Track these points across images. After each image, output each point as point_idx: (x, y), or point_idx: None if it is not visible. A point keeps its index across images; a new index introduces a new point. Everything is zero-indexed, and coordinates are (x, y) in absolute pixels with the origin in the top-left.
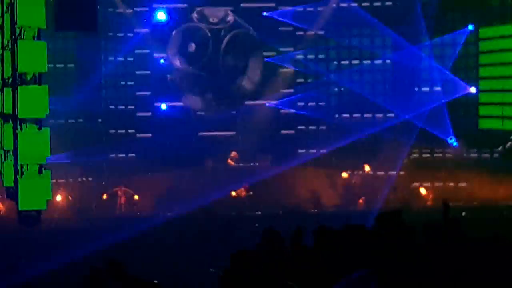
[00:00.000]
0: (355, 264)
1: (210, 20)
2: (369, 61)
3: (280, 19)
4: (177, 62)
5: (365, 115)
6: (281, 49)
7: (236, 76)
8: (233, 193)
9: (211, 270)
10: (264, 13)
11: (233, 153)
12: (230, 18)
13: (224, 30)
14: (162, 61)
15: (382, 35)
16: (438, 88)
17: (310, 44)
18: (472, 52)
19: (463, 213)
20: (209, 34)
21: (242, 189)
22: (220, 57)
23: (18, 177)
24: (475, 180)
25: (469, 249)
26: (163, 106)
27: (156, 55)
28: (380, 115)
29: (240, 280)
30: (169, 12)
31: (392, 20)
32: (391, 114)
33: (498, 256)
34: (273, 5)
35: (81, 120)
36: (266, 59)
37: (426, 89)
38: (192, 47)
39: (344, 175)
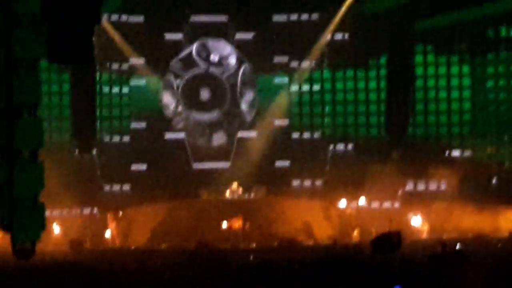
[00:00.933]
0: None
1: (211, 58)
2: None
3: None
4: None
5: None
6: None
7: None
8: (225, 225)
9: None
10: None
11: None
12: (232, 59)
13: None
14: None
15: None
16: None
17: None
18: None
19: (458, 245)
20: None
21: (236, 221)
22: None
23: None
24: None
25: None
26: None
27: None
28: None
29: None
30: None
31: None
32: None
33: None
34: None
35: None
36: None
37: None
38: (205, 94)
39: (339, 207)
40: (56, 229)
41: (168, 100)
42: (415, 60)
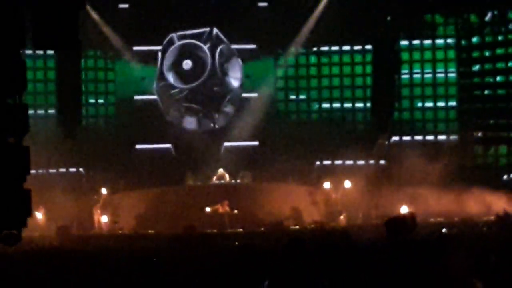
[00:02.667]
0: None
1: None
2: None
3: None
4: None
5: None
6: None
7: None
8: (209, 209)
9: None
10: None
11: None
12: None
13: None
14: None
15: None
16: None
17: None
18: None
19: (444, 230)
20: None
21: (223, 205)
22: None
23: None
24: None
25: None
26: None
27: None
28: None
29: None
30: None
31: None
32: None
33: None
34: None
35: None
36: None
37: None
38: (188, 64)
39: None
40: (42, 215)
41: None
42: (400, 45)
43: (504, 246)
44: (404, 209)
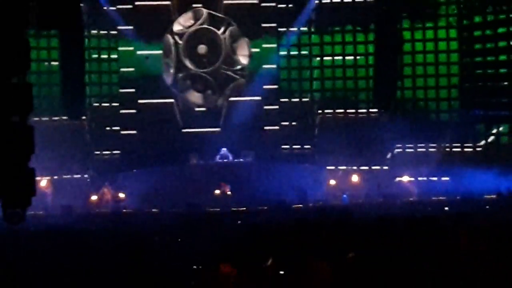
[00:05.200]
0: None
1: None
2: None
3: None
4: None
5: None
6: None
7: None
8: (215, 189)
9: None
10: None
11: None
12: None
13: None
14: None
15: None
16: None
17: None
18: None
19: (446, 208)
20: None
21: (225, 185)
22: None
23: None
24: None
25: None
26: None
27: (139, 52)
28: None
29: None
30: None
31: None
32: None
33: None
34: (256, 1)
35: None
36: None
37: None
38: (203, 48)
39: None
40: (47, 194)
41: (168, 63)
42: (402, 25)
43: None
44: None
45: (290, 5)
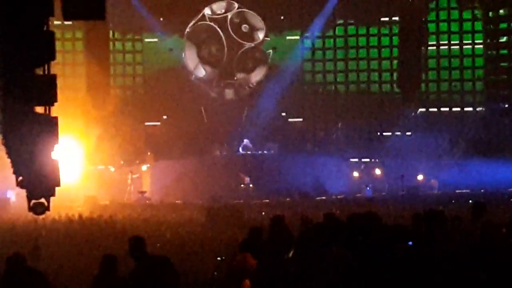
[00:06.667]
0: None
1: (218, 12)
2: None
3: None
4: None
5: None
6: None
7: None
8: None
9: None
10: None
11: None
12: (235, 5)
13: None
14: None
15: None
16: None
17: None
18: None
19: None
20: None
21: (245, 177)
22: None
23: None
24: None
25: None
26: None
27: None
28: None
29: None
30: None
31: None
32: None
33: None
34: None
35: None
36: None
37: None
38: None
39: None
40: (71, 185)
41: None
42: (428, 17)
43: None
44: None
45: None
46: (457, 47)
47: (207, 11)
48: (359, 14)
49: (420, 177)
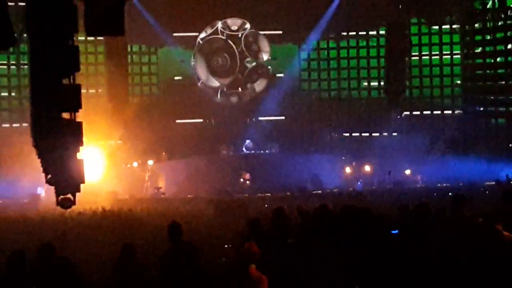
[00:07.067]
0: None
1: (232, 28)
2: None
3: None
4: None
5: None
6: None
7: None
8: (242, 177)
9: None
10: None
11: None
12: (247, 25)
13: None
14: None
15: None
16: None
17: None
18: None
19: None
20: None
21: (247, 174)
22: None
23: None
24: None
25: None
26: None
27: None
28: None
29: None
30: None
31: None
32: None
33: None
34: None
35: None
36: None
37: None
38: (219, 61)
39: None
40: (94, 182)
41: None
42: (410, 31)
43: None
44: (408, 172)
45: (310, 14)
46: (437, 57)
47: (220, 25)
48: (349, 28)
49: (407, 171)
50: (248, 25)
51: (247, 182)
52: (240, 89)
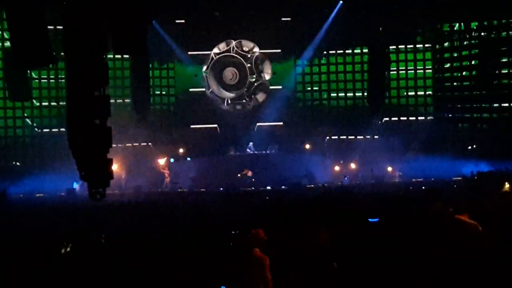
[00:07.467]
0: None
1: (244, 49)
2: None
3: None
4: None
5: None
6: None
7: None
8: (245, 173)
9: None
10: None
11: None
12: (256, 49)
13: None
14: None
15: None
16: None
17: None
18: None
19: (423, 187)
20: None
21: (248, 171)
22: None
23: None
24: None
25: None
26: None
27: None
28: None
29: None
30: None
31: None
32: None
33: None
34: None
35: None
36: None
37: None
38: (229, 75)
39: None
40: (122, 177)
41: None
42: (389, 48)
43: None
44: (390, 169)
45: (304, 34)
46: (412, 71)
47: (234, 44)
48: (338, 47)
49: (389, 168)
50: (257, 49)
51: (250, 178)
52: (244, 100)
